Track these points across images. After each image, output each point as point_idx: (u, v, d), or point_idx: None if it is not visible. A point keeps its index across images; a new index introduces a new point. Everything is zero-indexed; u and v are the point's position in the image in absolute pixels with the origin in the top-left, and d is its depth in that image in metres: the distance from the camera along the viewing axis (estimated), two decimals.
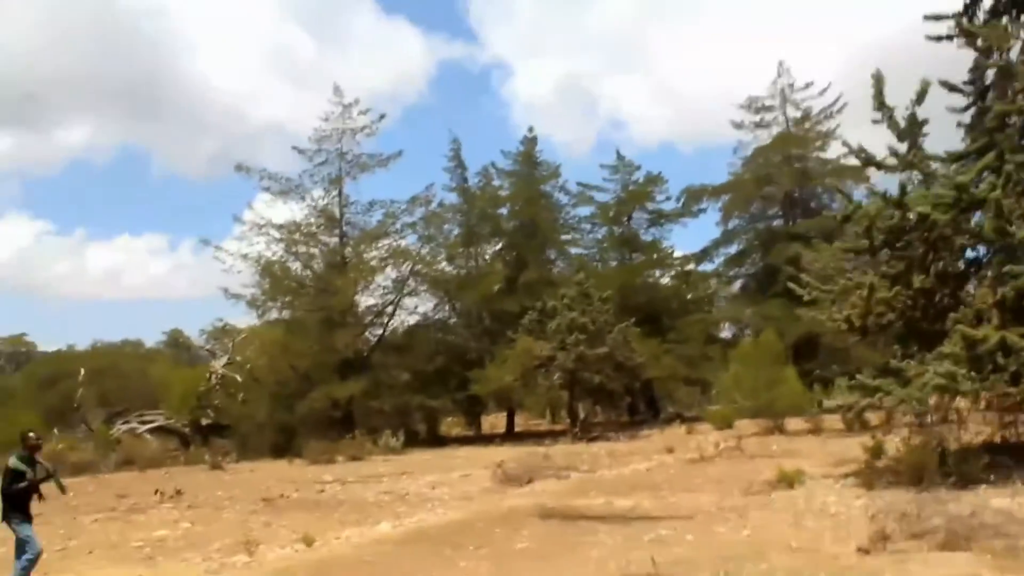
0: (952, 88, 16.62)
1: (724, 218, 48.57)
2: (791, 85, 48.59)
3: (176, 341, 72.52)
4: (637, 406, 46.86)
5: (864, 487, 14.57)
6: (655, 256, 46.85)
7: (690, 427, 33.56)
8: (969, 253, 16.83)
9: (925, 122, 16.45)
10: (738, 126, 49.53)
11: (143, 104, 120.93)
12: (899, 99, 15.95)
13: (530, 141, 46.39)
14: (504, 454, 28.11)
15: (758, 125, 49.20)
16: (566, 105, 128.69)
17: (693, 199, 48.73)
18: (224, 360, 38.93)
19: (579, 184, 47.74)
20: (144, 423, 37.39)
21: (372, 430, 33.35)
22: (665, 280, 46.19)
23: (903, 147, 16.29)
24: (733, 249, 49.51)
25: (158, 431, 37.15)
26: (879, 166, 16.16)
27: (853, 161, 44.77)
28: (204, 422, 37.17)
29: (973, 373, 13.62)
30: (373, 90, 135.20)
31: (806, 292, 17.63)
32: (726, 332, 49.25)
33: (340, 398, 34.32)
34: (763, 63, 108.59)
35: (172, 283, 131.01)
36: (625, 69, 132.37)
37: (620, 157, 48.28)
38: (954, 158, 15.86)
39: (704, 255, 49.15)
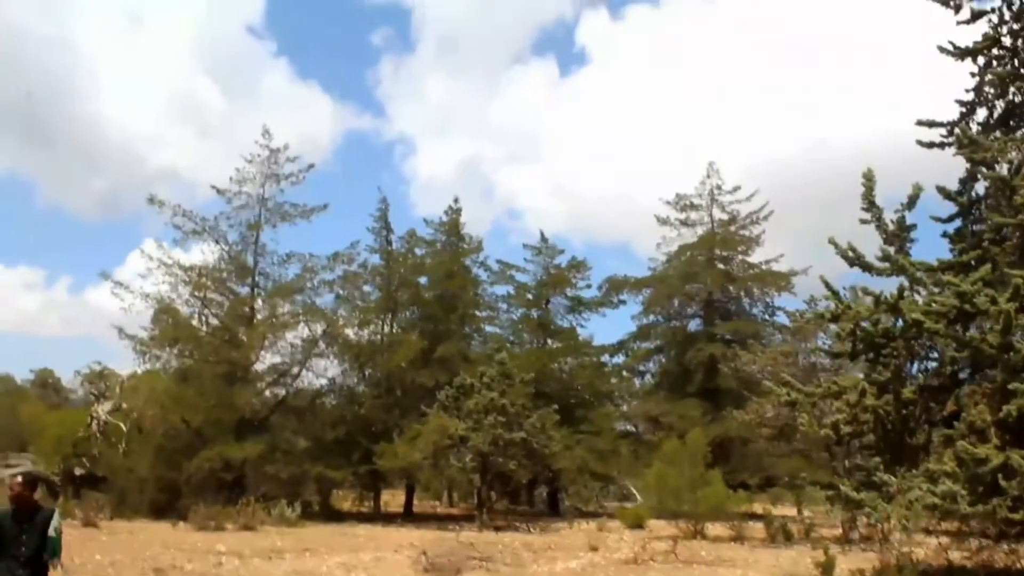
0: (948, 196, 16.03)
1: (646, 311, 48.10)
2: (719, 187, 48.95)
3: (45, 381, 68.12)
4: (535, 497, 45.41)
5: None
6: (572, 343, 45.71)
7: (600, 524, 32.06)
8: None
9: (913, 227, 15.87)
10: (663, 222, 49.62)
11: (36, 132, 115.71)
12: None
13: (455, 211, 45.17)
14: (409, 536, 26.28)
15: (683, 223, 49.38)
16: (464, 188, 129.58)
17: (614, 289, 48.20)
18: (109, 406, 35.85)
19: (499, 262, 46.81)
20: (9, 467, 33.93)
21: (264, 497, 30.83)
22: (580, 369, 44.94)
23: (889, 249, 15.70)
24: (649, 344, 49.07)
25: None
26: (870, 268, 15.36)
27: (777, 266, 46.08)
28: (77, 472, 33.96)
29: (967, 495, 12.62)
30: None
31: (784, 393, 16.59)
32: (629, 427, 48.57)
33: (234, 459, 31.74)
34: (663, 167, 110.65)
35: (44, 319, 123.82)
36: (525, 159, 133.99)
37: (544, 239, 47.57)
38: (944, 266, 15.13)
39: (620, 347, 48.50)
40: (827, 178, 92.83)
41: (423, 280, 42.70)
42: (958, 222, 16.85)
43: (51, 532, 6.78)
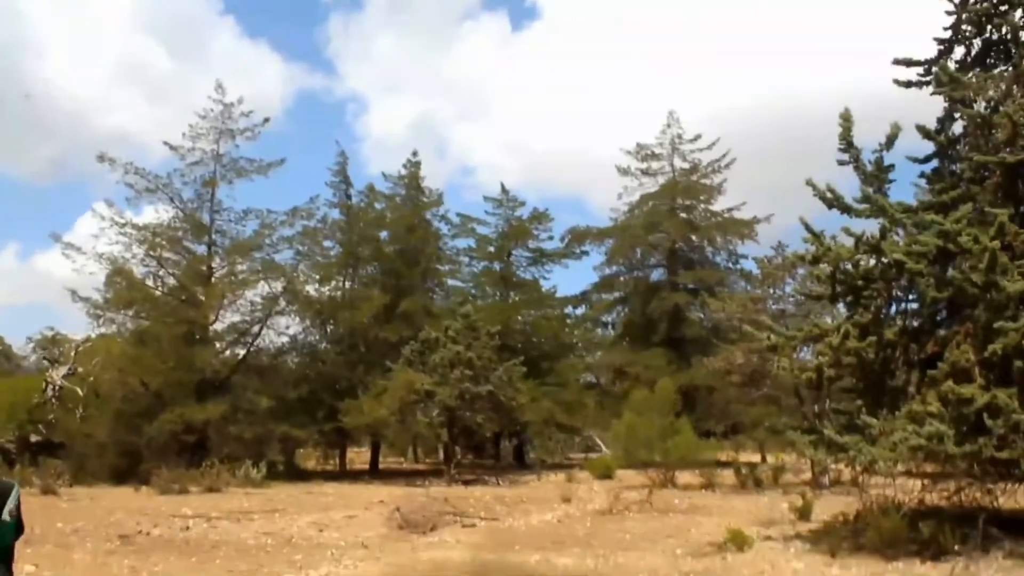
0: (927, 135, 15.72)
1: (609, 262, 47.84)
2: (680, 136, 48.55)
3: None
4: (501, 451, 45.24)
5: (827, 554, 13.17)
6: (535, 295, 45.29)
7: (569, 475, 31.92)
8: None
9: (891, 167, 15.56)
10: (624, 171, 49.15)
11: None
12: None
13: (414, 165, 44.26)
14: (378, 493, 25.99)
15: (644, 172, 48.94)
16: (418, 145, 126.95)
17: (576, 240, 47.83)
18: (64, 370, 34.88)
19: (460, 215, 46.13)
20: None
21: (227, 459, 30.23)
22: (544, 321, 44.58)
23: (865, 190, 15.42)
24: (612, 295, 48.89)
25: None
26: (848, 210, 15.05)
27: (739, 215, 45.94)
28: (34, 439, 33.07)
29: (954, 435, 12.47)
30: None
31: (765, 337, 16.31)
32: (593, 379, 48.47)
33: (196, 421, 31.05)
34: (616, 121, 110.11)
35: None
36: (478, 116, 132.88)
37: (504, 191, 46.69)
38: (924, 207, 14.87)
39: (584, 299, 48.25)
40: (784, 129, 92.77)
41: (384, 235, 41.95)
42: (935, 163, 16.58)
43: (4, 516, 5.68)
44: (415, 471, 37.97)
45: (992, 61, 16.41)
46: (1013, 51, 16.22)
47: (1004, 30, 16.53)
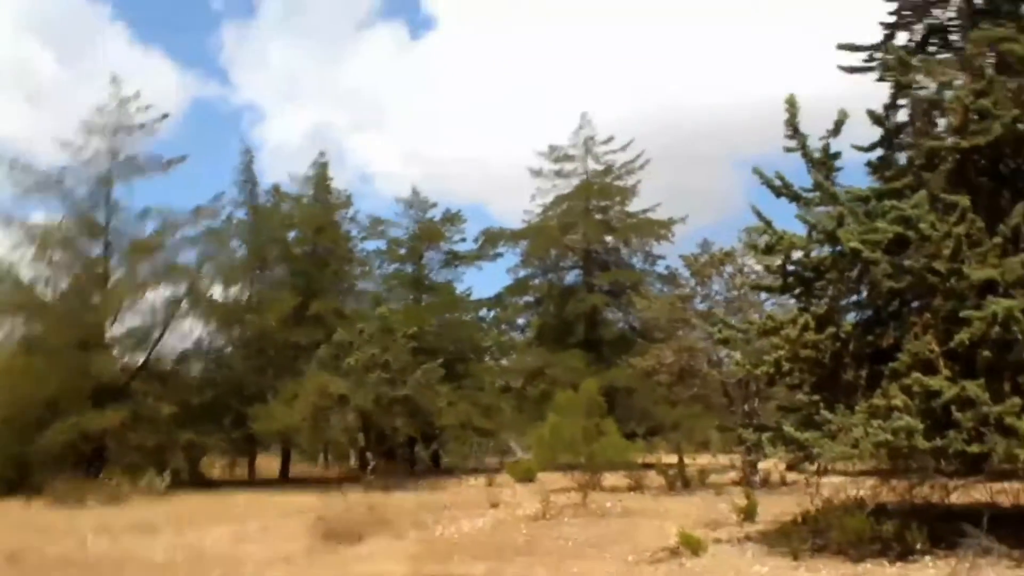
0: (877, 121, 15.27)
1: (524, 263, 47.19)
2: (592, 138, 48.15)
3: None
4: (416, 455, 44.08)
5: (788, 556, 12.49)
6: (449, 298, 44.28)
7: (489, 479, 30.98)
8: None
9: (839, 155, 15.07)
10: (536, 173, 48.45)
11: None
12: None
13: (321, 166, 42.86)
14: (293, 502, 24.57)
15: (558, 174, 48.31)
16: (315, 154, 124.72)
17: (490, 241, 46.96)
18: None
19: (370, 216, 44.92)
20: None
21: (128, 468, 28.40)
22: (459, 324, 43.57)
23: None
24: (529, 297, 48.26)
25: None
26: (798, 198, 14.49)
27: (653, 215, 45.68)
28: None
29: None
30: None
31: (716, 331, 15.62)
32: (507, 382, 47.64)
33: (93, 430, 29.05)
34: (516, 129, 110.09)
35: None
36: (376, 125, 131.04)
37: (415, 192, 45.66)
38: (877, 194, 14.36)
39: (498, 301, 47.44)
40: (675, 137, 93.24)
41: (292, 236, 40.43)
42: (880, 151, 16.17)
43: None
44: (327, 478, 36.41)
45: (936, 47, 16.10)
46: (956, 38, 16.02)
47: (945, 15, 16.34)
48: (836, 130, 14.88)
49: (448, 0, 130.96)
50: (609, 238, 47.13)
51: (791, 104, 14.97)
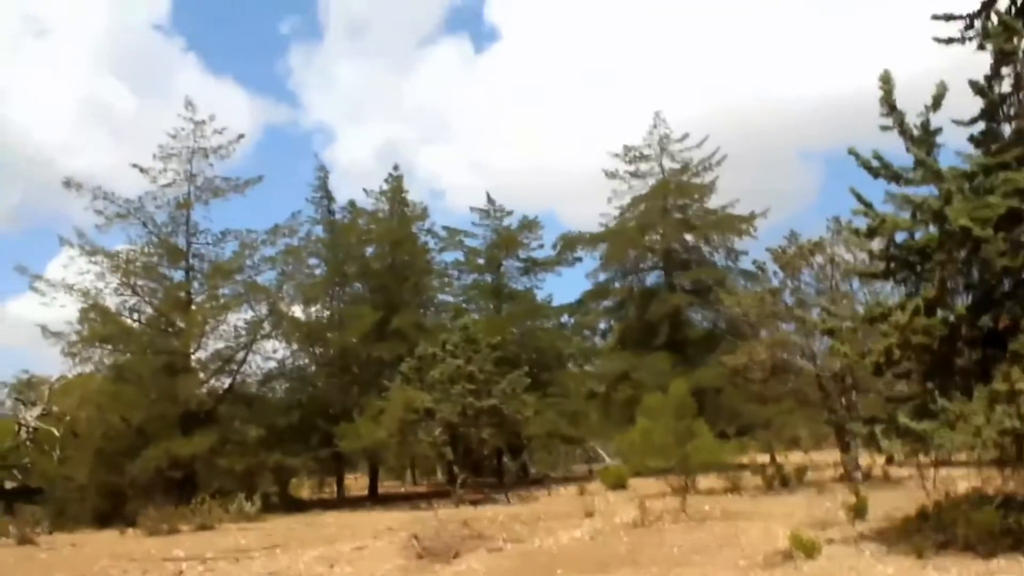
0: (980, 92, 14.22)
1: (604, 266, 46.47)
2: (667, 136, 47.30)
3: None
4: (504, 467, 43.57)
5: (912, 555, 11.59)
6: (530, 306, 43.73)
7: (580, 488, 30.32)
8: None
9: (939, 131, 14.07)
10: (611, 175, 47.80)
11: None
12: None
13: (396, 179, 42.85)
14: (384, 520, 24.23)
15: (633, 175, 47.59)
16: (385, 171, 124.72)
17: (568, 246, 46.34)
18: (38, 411, 32.87)
19: (446, 228, 44.66)
20: None
21: (218, 493, 28.36)
22: (541, 331, 43.02)
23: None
24: (609, 302, 47.52)
25: None
26: (898, 178, 13.54)
27: (735, 211, 44.55)
28: (9, 485, 31.10)
29: None
30: None
31: (820, 321, 14.77)
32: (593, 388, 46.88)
33: (182, 456, 29.13)
34: (582, 135, 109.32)
35: None
36: (444, 139, 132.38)
37: (491, 201, 45.25)
38: (984, 168, 13.34)
39: (580, 306, 46.78)
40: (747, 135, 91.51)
41: (370, 251, 40.36)
42: (981, 125, 15.07)
43: None
44: (416, 494, 36.31)
45: None
46: None
47: None
48: (936, 104, 13.87)
49: (510, 10, 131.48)
50: (689, 236, 46.24)
51: (885, 81, 14.01)
